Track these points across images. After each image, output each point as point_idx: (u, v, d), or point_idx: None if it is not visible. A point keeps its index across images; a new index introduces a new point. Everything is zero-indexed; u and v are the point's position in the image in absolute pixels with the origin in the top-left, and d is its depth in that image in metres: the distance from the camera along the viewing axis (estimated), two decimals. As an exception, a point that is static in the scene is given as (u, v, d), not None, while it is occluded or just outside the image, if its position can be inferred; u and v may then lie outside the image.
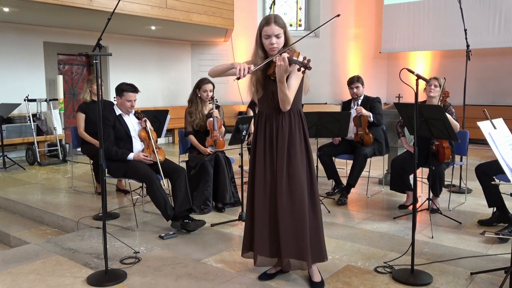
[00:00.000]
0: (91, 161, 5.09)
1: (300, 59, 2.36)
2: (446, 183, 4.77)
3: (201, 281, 2.80)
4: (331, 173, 4.98)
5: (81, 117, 4.95)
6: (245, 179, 4.71)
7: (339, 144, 4.91)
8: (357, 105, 4.72)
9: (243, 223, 3.86)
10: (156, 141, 4.10)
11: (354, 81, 4.78)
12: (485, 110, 2.80)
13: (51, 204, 4.69)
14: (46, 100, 7.66)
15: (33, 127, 7.17)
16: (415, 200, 2.92)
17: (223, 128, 4.57)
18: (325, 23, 2.64)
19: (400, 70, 2.93)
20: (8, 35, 7.65)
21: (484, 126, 2.65)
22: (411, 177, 4.12)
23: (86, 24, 7.93)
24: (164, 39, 10.11)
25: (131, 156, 3.91)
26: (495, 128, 2.69)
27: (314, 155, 3.69)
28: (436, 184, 4.10)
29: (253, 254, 2.78)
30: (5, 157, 6.79)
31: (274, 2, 6.18)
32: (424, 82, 3.46)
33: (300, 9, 11.60)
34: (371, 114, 4.66)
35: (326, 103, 10.92)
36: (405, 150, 4.49)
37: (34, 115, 7.54)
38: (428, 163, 4.07)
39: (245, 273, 2.90)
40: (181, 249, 3.36)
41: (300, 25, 11.61)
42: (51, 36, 8.21)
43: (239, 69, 2.43)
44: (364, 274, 2.89)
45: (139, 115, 4.13)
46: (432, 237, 3.57)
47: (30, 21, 7.63)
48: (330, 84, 11.22)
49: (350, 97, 4.93)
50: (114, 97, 4.14)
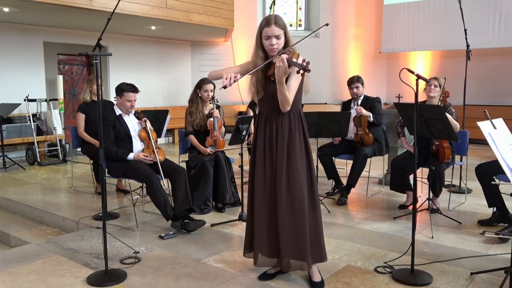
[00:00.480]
0: (91, 161, 5.09)
1: (300, 61, 2.36)
2: (446, 183, 4.77)
3: (201, 281, 2.80)
4: (331, 173, 4.98)
5: (81, 117, 4.96)
6: (245, 179, 4.71)
7: (339, 144, 4.91)
8: (357, 105, 4.72)
9: (243, 223, 3.87)
10: (156, 141, 4.10)
11: (354, 81, 4.78)
12: (486, 111, 2.79)
13: (51, 204, 4.70)
14: (46, 100, 7.66)
15: (33, 127, 7.17)
16: (415, 200, 2.92)
17: (223, 128, 4.57)
18: (314, 32, 2.63)
19: (400, 70, 2.93)
20: (8, 35, 7.65)
21: (484, 126, 2.65)
22: (411, 177, 4.12)
23: (86, 24, 7.93)
24: (164, 39, 10.11)
25: (131, 156, 3.91)
26: (495, 128, 2.69)
27: (314, 155, 3.69)
28: (436, 184, 4.10)
29: (253, 254, 2.79)
30: (5, 157, 6.79)
31: (274, 2, 6.18)
32: (424, 82, 3.46)
33: (300, 9, 11.60)
34: (371, 114, 4.67)
35: (326, 103, 10.92)
36: (405, 150, 4.49)
37: (34, 115, 7.54)
38: (428, 163, 4.07)
39: (245, 273, 2.91)
40: (181, 249, 3.36)
41: (300, 25, 11.61)
42: (51, 36, 8.21)
43: (225, 78, 2.44)
44: (364, 274, 2.89)
45: (139, 115, 4.13)
46: (432, 237, 3.57)
47: (30, 21, 7.63)
48: (330, 84, 11.23)
49: (350, 97, 4.94)
50: (114, 97, 4.14)
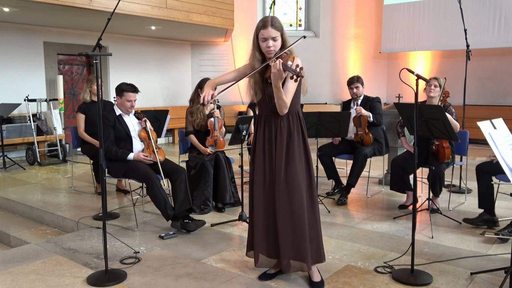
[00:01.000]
0: (91, 161, 5.09)
1: (295, 65, 2.37)
2: (446, 183, 4.77)
3: (201, 281, 2.80)
4: (331, 173, 4.98)
5: (81, 118, 4.95)
6: (245, 179, 4.72)
7: (339, 144, 4.91)
8: (357, 105, 4.72)
9: (243, 223, 3.88)
10: (156, 141, 4.10)
11: (354, 81, 4.78)
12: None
13: (51, 204, 4.70)
14: (46, 100, 7.66)
15: (33, 127, 7.17)
16: (415, 200, 2.92)
17: (224, 128, 4.57)
18: (292, 45, 2.60)
19: (400, 70, 2.93)
20: (8, 35, 7.65)
21: (484, 126, 2.65)
22: (411, 177, 4.12)
23: (86, 24, 7.93)
24: (164, 39, 10.11)
25: (131, 156, 3.91)
26: (495, 128, 2.69)
27: (314, 155, 3.69)
28: (436, 184, 4.10)
29: (254, 254, 2.79)
30: (5, 157, 6.79)
31: (274, 2, 6.18)
32: (424, 82, 3.46)
33: (300, 9, 11.60)
34: (371, 114, 4.67)
35: (326, 103, 10.92)
36: (405, 150, 4.49)
37: (34, 115, 7.54)
38: (428, 163, 4.07)
39: (245, 273, 2.91)
40: (181, 249, 3.36)
41: (300, 25, 11.61)
42: (51, 36, 8.21)
43: (203, 97, 2.55)
44: (364, 274, 2.89)
45: (139, 115, 4.13)
46: (432, 237, 3.57)
47: (30, 21, 7.63)
48: (330, 84, 11.23)
49: (350, 97, 4.94)
50: (114, 97, 4.13)
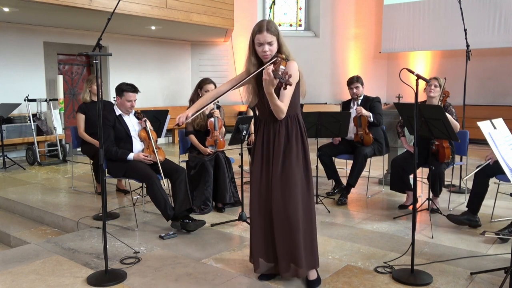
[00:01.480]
0: (91, 161, 5.09)
1: (283, 73, 2.36)
2: (446, 183, 4.77)
3: (201, 281, 2.80)
4: (331, 173, 4.98)
5: (81, 118, 4.95)
6: (245, 179, 4.73)
7: (339, 144, 4.91)
8: (357, 105, 4.72)
9: (243, 223, 3.88)
10: (156, 141, 4.10)
11: (354, 81, 4.78)
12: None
13: (51, 204, 4.69)
14: (46, 100, 7.66)
15: (33, 127, 7.17)
16: (415, 200, 2.91)
17: (224, 128, 4.57)
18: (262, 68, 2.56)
19: (400, 70, 2.93)
20: (8, 35, 7.65)
21: (484, 126, 2.65)
22: (411, 177, 4.12)
23: (86, 24, 7.93)
24: (164, 39, 10.11)
25: (131, 156, 3.91)
26: (495, 128, 2.69)
27: (314, 155, 3.68)
28: (436, 184, 4.10)
29: (253, 259, 2.79)
30: (5, 157, 6.79)
31: (274, 2, 6.17)
32: (424, 82, 3.45)
33: (300, 9, 11.60)
34: (371, 114, 4.67)
35: (326, 103, 10.92)
36: (405, 150, 4.48)
37: (34, 115, 7.54)
38: (428, 163, 4.07)
39: (245, 273, 2.90)
40: (181, 249, 3.36)
41: (300, 25, 11.61)
42: (51, 36, 8.21)
43: (178, 118, 2.73)
44: (364, 274, 2.89)
45: (139, 115, 4.13)
46: (432, 237, 3.57)
47: (30, 21, 7.63)
48: (330, 84, 11.23)
49: (350, 97, 4.94)
50: (114, 97, 4.13)
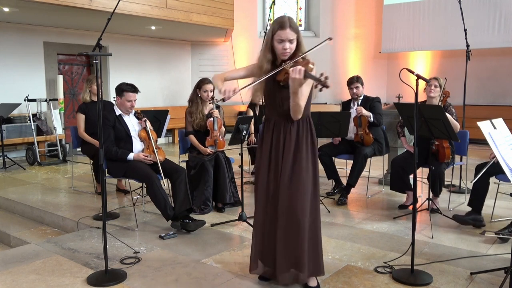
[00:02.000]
0: (91, 161, 5.09)
1: (314, 72, 2.25)
2: (446, 183, 4.77)
3: (201, 281, 2.80)
4: (331, 173, 4.97)
5: (81, 118, 4.95)
6: (245, 179, 4.73)
7: (339, 144, 4.91)
8: (357, 105, 4.72)
9: (243, 223, 3.87)
10: (156, 141, 4.10)
11: (354, 81, 4.78)
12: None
13: (51, 204, 4.69)
14: (46, 100, 7.66)
15: (33, 127, 7.17)
16: (415, 200, 2.91)
17: (223, 128, 4.57)
18: (317, 46, 2.49)
19: (400, 70, 2.93)
20: (8, 35, 7.65)
21: (484, 126, 2.65)
22: (411, 177, 4.12)
23: (86, 24, 7.93)
24: (164, 39, 10.11)
25: (131, 156, 3.91)
26: (495, 128, 2.69)
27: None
28: (436, 184, 4.10)
29: (251, 260, 2.73)
30: (5, 157, 6.79)
31: (274, 2, 6.17)
32: (424, 82, 3.46)
33: (300, 9, 11.61)
34: (371, 114, 4.67)
35: (326, 103, 10.91)
36: (405, 150, 4.49)
37: (34, 115, 7.54)
38: (428, 163, 4.07)
39: (245, 273, 2.90)
40: (181, 249, 3.36)
41: (300, 25, 11.60)
42: (51, 36, 8.21)
43: (224, 91, 2.38)
44: (364, 274, 2.89)
45: (139, 115, 4.13)
46: (432, 237, 3.57)
47: (30, 21, 7.63)
48: (330, 84, 11.21)
49: (350, 97, 4.94)
50: (114, 97, 4.13)
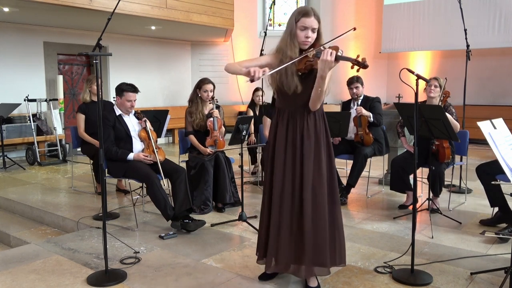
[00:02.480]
0: (91, 161, 5.09)
1: (354, 56, 2.22)
2: (446, 183, 4.77)
3: (201, 281, 2.80)
4: (331, 173, 4.96)
5: (81, 118, 4.95)
6: (245, 179, 4.72)
7: (339, 144, 4.90)
8: (357, 105, 4.72)
9: (243, 223, 3.87)
10: (156, 141, 4.10)
11: (354, 81, 4.78)
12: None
13: (51, 204, 4.69)
14: (46, 100, 7.66)
15: (33, 127, 7.17)
16: (415, 200, 2.91)
17: (223, 128, 4.57)
18: (341, 35, 2.49)
19: (400, 70, 2.93)
20: (8, 35, 7.65)
21: (484, 126, 2.65)
22: (411, 177, 4.12)
23: (86, 24, 7.93)
24: (164, 39, 10.11)
25: (131, 156, 3.91)
26: (495, 128, 2.69)
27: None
28: (436, 184, 4.10)
29: (267, 259, 2.66)
30: (5, 157, 6.79)
31: (274, 2, 6.17)
32: (424, 82, 3.46)
33: (300, 9, 11.58)
34: (371, 114, 4.67)
35: (326, 103, 10.91)
36: (405, 150, 4.48)
37: (34, 115, 7.54)
38: (428, 163, 4.07)
39: (245, 273, 2.90)
40: (181, 249, 3.36)
41: (300, 25, 11.59)
42: (51, 36, 8.21)
43: (253, 71, 2.28)
44: (364, 274, 2.89)
45: (139, 115, 4.13)
46: (432, 237, 3.57)
47: (30, 21, 7.63)
48: (330, 84, 11.20)
49: (350, 97, 4.94)
50: (114, 97, 4.13)
